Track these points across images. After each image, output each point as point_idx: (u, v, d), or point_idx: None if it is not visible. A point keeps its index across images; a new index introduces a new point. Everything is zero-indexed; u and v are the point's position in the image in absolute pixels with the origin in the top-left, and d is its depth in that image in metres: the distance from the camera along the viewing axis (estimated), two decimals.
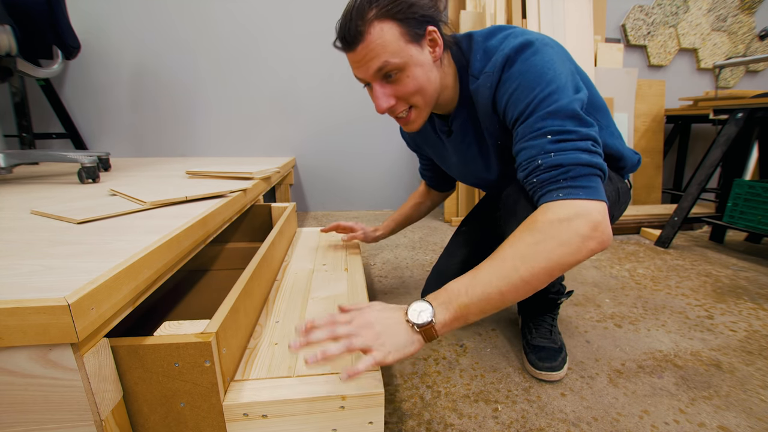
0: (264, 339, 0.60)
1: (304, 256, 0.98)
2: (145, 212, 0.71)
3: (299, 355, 0.55)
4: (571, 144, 0.54)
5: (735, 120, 1.53)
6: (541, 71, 0.57)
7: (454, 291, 0.52)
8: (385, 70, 0.60)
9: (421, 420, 0.67)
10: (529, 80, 0.57)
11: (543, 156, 0.55)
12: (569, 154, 0.53)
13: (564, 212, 0.51)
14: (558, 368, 0.77)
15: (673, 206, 1.99)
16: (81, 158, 1.09)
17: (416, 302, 0.52)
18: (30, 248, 0.50)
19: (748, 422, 0.67)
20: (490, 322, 1.01)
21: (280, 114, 2.13)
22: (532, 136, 0.56)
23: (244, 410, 0.46)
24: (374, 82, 0.63)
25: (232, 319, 0.51)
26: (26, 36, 1.19)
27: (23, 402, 0.37)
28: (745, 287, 1.22)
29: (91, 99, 1.98)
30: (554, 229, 0.50)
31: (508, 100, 0.60)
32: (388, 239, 1.74)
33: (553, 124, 0.55)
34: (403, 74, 0.61)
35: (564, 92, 0.56)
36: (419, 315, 0.50)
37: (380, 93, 0.63)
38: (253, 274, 0.63)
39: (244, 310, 0.57)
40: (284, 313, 0.69)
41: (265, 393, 0.47)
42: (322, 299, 0.74)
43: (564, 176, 0.53)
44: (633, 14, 2.25)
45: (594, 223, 0.50)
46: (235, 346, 0.52)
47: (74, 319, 0.35)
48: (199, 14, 1.95)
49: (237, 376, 0.51)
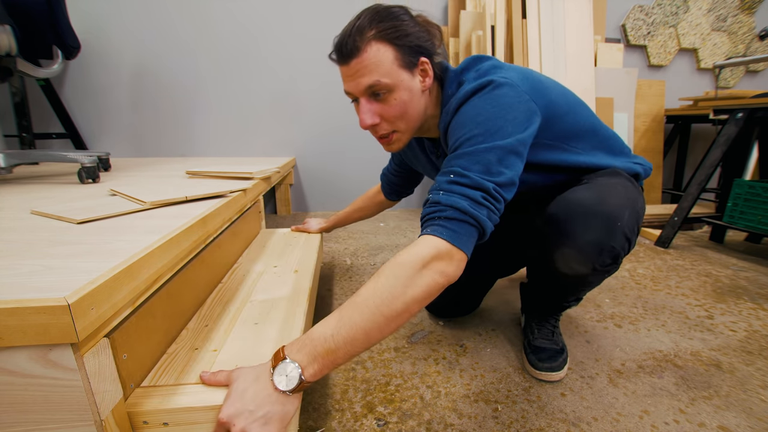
0: (185, 344, 0.58)
1: (258, 258, 0.96)
2: (145, 212, 0.71)
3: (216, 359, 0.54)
4: (460, 189, 0.54)
5: (735, 120, 1.53)
6: (476, 113, 0.59)
7: (319, 338, 0.48)
8: (375, 88, 0.62)
9: (421, 420, 0.67)
10: (462, 121, 0.60)
11: (434, 192, 0.57)
12: (452, 197, 0.54)
13: (425, 250, 0.52)
14: (558, 369, 0.77)
15: (673, 206, 1.99)
16: (81, 158, 1.09)
17: (279, 365, 0.47)
18: (30, 248, 0.50)
19: (748, 422, 0.67)
20: (490, 322, 1.01)
21: (280, 114, 2.13)
22: (442, 173, 0.58)
23: (144, 418, 0.44)
24: (362, 98, 0.65)
25: (141, 323, 0.49)
26: (26, 36, 1.19)
27: (23, 402, 0.37)
28: (745, 287, 1.22)
29: (91, 99, 1.98)
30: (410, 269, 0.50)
31: (449, 136, 0.63)
32: (389, 239, 1.74)
33: (459, 165, 0.56)
34: (391, 96, 0.63)
35: (489, 136, 0.56)
36: (288, 381, 0.46)
37: (366, 109, 0.65)
38: (179, 276, 0.61)
39: (162, 313, 0.55)
40: (216, 317, 0.66)
41: (168, 400, 0.46)
42: (260, 302, 0.72)
43: (438, 215, 0.54)
44: (633, 14, 2.25)
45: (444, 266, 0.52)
46: (145, 351, 0.50)
47: (74, 319, 0.35)
48: (199, 14, 1.95)
49: (145, 382, 0.49)
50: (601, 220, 0.60)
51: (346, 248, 1.60)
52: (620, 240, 0.61)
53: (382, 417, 0.68)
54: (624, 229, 0.61)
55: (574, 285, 0.73)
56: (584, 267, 0.64)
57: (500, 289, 1.20)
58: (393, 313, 0.49)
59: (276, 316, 0.67)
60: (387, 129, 0.67)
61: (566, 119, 0.70)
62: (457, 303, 0.98)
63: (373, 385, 0.76)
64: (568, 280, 0.70)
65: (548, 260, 0.69)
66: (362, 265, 1.41)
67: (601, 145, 0.76)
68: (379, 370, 0.81)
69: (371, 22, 0.61)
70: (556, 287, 0.77)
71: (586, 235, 0.61)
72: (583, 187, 0.67)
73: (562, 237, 0.64)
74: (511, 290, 1.19)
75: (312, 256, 0.97)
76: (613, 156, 0.77)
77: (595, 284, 0.72)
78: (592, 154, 0.74)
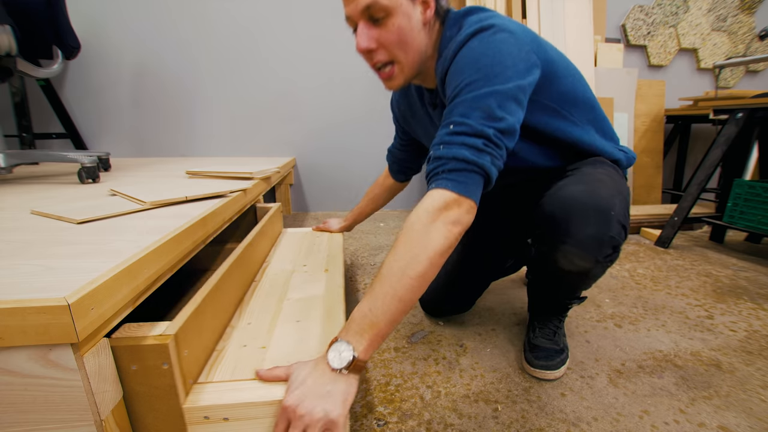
0: (233, 341, 0.59)
1: (286, 257, 0.97)
2: (145, 212, 0.71)
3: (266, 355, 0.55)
4: (461, 138, 0.54)
5: (735, 120, 1.53)
6: (475, 58, 0.58)
7: (359, 316, 0.51)
8: (372, 9, 0.59)
9: (421, 420, 0.67)
10: (461, 67, 0.59)
11: (435, 148, 0.57)
12: (453, 149, 0.54)
13: (432, 203, 0.53)
14: (553, 368, 0.77)
15: (673, 206, 1.99)
16: (81, 158, 1.09)
17: (332, 347, 0.50)
18: (30, 248, 0.50)
19: (748, 422, 0.67)
20: (490, 322, 1.01)
21: (280, 114, 2.13)
22: (442, 125, 0.58)
23: (204, 413, 0.45)
24: (360, 21, 0.62)
25: (197, 321, 0.50)
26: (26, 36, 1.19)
27: (23, 402, 0.37)
28: (745, 287, 1.22)
29: (91, 99, 1.98)
30: (422, 226, 0.52)
31: (448, 82, 0.61)
32: (389, 239, 1.74)
33: (458, 113, 0.56)
34: (389, 20, 0.61)
35: (488, 81, 0.56)
36: (341, 359, 0.49)
37: (363, 32, 0.62)
38: (224, 275, 0.62)
39: (211, 311, 0.56)
40: (257, 315, 0.68)
41: (227, 396, 0.47)
42: (297, 301, 0.73)
43: (441, 168, 0.55)
44: (633, 14, 2.25)
45: (456, 215, 0.53)
46: (200, 347, 0.51)
47: (74, 319, 0.35)
48: (199, 14, 1.95)
49: (201, 378, 0.50)
50: (597, 213, 0.61)
51: (346, 248, 1.60)
52: (617, 228, 0.62)
53: (381, 417, 0.68)
54: (618, 218, 0.62)
55: (578, 280, 0.72)
56: (587, 262, 0.64)
57: (500, 289, 1.20)
58: (419, 272, 0.51)
59: (316, 313, 0.69)
60: (384, 57, 0.64)
61: (564, 81, 0.69)
62: (451, 299, 0.98)
63: (373, 385, 0.76)
64: (572, 276, 0.70)
65: (549, 260, 0.69)
66: (362, 265, 1.41)
67: (595, 122, 0.76)
68: (379, 370, 0.81)
69: None
70: (560, 284, 0.77)
71: (585, 230, 0.61)
72: (572, 180, 0.67)
73: (561, 236, 0.64)
74: (511, 290, 1.19)
75: (339, 256, 0.99)
76: (603, 137, 0.77)
77: (598, 276, 0.72)
78: (586, 129, 0.74)
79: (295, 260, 0.95)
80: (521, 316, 1.04)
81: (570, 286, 0.76)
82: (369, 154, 2.23)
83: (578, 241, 0.62)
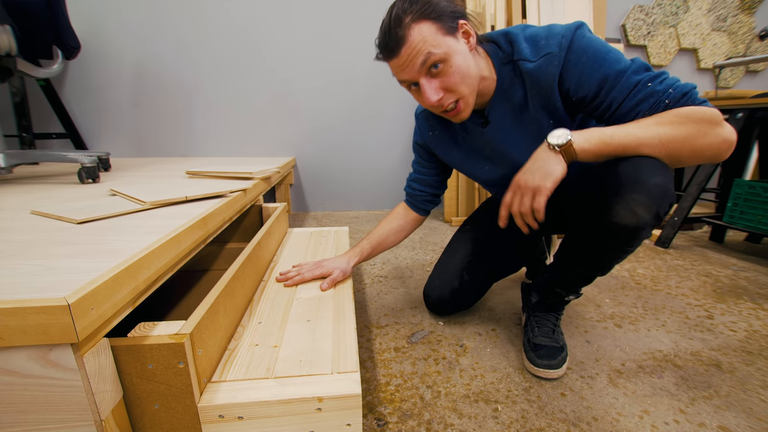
0: (245, 340, 0.60)
1: (293, 256, 0.98)
2: (145, 212, 0.71)
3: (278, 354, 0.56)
4: (670, 79, 0.63)
5: (735, 120, 1.53)
6: (599, 44, 0.66)
7: (597, 130, 0.63)
8: (429, 62, 0.65)
9: (421, 420, 0.67)
10: (596, 52, 0.66)
11: (664, 95, 0.62)
12: (680, 84, 0.62)
13: (707, 113, 0.60)
14: (556, 366, 0.77)
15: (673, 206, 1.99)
16: (81, 158, 1.09)
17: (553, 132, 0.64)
18: (30, 248, 0.50)
19: (748, 422, 0.67)
20: (490, 322, 1.01)
21: (280, 114, 2.13)
22: (636, 90, 0.64)
23: (219, 412, 0.46)
24: (421, 78, 0.67)
25: (210, 320, 0.51)
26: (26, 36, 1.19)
27: (23, 402, 0.37)
28: (745, 287, 1.22)
29: (91, 99, 1.98)
30: (701, 120, 0.59)
31: (582, 72, 0.67)
32: None
33: (643, 76, 0.63)
34: (446, 65, 0.66)
35: (622, 56, 0.66)
36: (558, 138, 0.63)
37: (428, 87, 0.67)
38: (235, 274, 0.63)
39: (224, 311, 0.57)
40: (267, 314, 0.68)
41: (241, 394, 0.47)
42: (306, 300, 0.74)
43: (690, 99, 0.61)
44: (633, 14, 2.25)
45: (731, 131, 0.60)
46: (213, 347, 0.52)
47: (74, 319, 0.35)
48: (199, 14, 1.95)
49: (215, 377, 0.50)
50: (662, 169, 0.64)
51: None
52: (674, 188, 0.66)
53: (381, 417, 0.68)
54: (673, 182, 0.67)
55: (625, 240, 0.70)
56: (649, 211, 0.64)
57: (500, 289, 1.20)
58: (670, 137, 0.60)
59: (325, 313, 0.69)
60: (452, 99, 0.69)
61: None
62: (456, 297, 0.98)
63: (373, 385, 0.76)
64: (623, 234, 0.68)
65: (607, 216, 0.67)
66: (362, 265, 1.41)
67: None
68: (379, 370, 0.81)
69: (404, 9, 0.64)
70: (597, 251, 0.73)
71: (654, 178, 0.63)
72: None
73: (630, 184, 0.64)
74: (511, 290, 1.19)
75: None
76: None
77: (640, 242, 0.70)
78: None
79: (302, 259, 0.95)
80: (521, 316, 1.04)
81: (607, 253, 0.73)
82: (369, 153, 2.23)
83: (646, 188, 0.63)
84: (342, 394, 0.48)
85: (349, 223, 2.05)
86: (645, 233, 0.68)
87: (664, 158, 0.63)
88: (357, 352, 0.57)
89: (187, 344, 0.43)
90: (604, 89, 0.66)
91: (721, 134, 0.60)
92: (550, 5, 1.90)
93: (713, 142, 0.60)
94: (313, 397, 0.47)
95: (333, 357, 0.55)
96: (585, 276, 0.79)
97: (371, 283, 1.26)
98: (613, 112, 0.66)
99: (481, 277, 0.98)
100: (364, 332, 0.95)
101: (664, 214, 0.66)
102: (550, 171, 0.63)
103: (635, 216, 0.65)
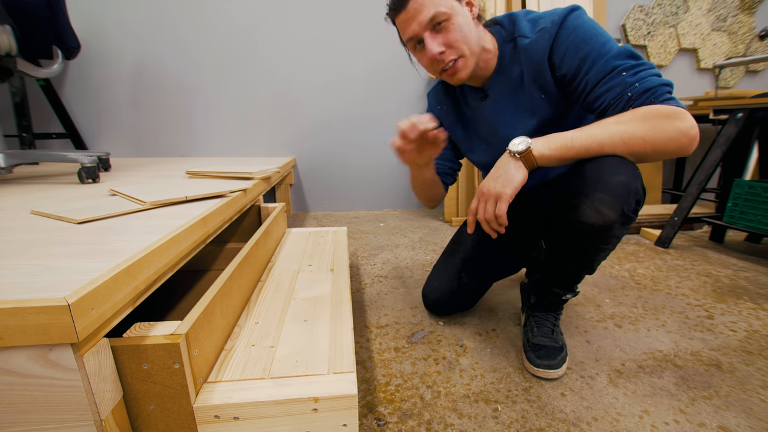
0: (241, 340, 0.59)
1: (291, 257, 0.98)
2: (145, 212, 0.71)
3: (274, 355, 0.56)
4: (646, 71, 0.64)
5: (735, 120, 1.53)
6: (592, 26, 0.69)
7: (559, 135, 0.66)
8: (435, 19, 0.70)
9: (421, 420, 0.67)
10: (585, 32, 0.68)
11: (629, 88, 0.64)
12: (651, 79, 0.63)
13: (666, 109, 0.62)
14: (556, 366, 0.77)
15: (673, 206, 1.99)
16: (81, 158, 1.09)
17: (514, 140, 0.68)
18: (30, 248, 0.50)
19: (748, 422, 0.67)
20: (490, 322, 1.01)
21: (280, 114, 2.13)
22: (610, 77, 0.66)
23: (215, 412, 0.46)
24: (425, 33, 0.71)
25: (206, 320, 0.51)
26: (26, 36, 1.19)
27: (23, 402, 0.37)
28: (745, 287, 1.22)
29: (91, 99, 1.98)
30: (659, 116, 0.61)
31: (567, 48, 0.70)
32: (389, 239, 1.74)
33: (622, 63, 0.65)
34: (450, 23, 0.70)
35: (614, 41, 0.68)
36: (517, 145, 0.67)
37: (431, 41, 0.72)
38: (231, 275, 0.63)
39: (220, 311, 0.57)
40: (264, 314, 0.68)
41: (237, 395, 0.47)
42: (304, 300, 0.74)
43: (653, 96, 0.63)
44: (633, 14, 2.25)
45: (691, 124, 0.62)
46: (209, 347, 0.52)
47: (74, 319, 0.35)
48: (199, 14, 1.95)
49: (211, 377, 0.50)
50: (626, 167, 0.66)
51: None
52: (640, 184, 0.67)
53: (381, 417, 0.68)
54: (640, 179, 0.67)
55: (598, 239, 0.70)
56: (614, 210, 0.65)
57: (500, 289, 1.20)
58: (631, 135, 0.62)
59: (322, 313, 0.69)
60: (453, 55, 0.73)
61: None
62: (455, 298, 0.98)
63: (373, 385, 0.76)
64: (594, 233, 0.68)
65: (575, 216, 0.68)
66: (362, 265, 1.41)
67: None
68: (379, 370, 0.81)
69: None
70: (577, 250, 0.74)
71: (616, 177, 0.64)
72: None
73: (593, 184, 0.65)
74: (511, 290, 1.19)
75: (344, 256, 0.99)
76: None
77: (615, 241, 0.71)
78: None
79: (300, 260, 0.95)
80: (521, 316, 1.03)
81: (587, 252, 0.73)
82: (369, 153, 2.23)
83: (609, 188, 0.64)
84: (338, 394, 0.48)
85: (349, 223, 2.05)
86: (616, 231, 0.68)
87: (628, 156, 0.65)
88: (354, 352, 0.57)
89: (182, 344, 0.43)
90: (583, 68, 0.68)
91: (680, 127, 0.61)
92: (550, 5, 1.90)
93: (672, 136, 0.62)
94: (309, 398, 0.47)
95: (329, 357, 0.55)
96: (573, 275, 0.80)
97: (371, 283, 1.26)
98: (587, 94, 0.69)
99: (479, 278, 0.98)
100: (364, 332, 0.95)
101: (632, 212, 0.67)
102: (510, 178, 0.67)
103: (601, 215, 0.66)
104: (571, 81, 0.71)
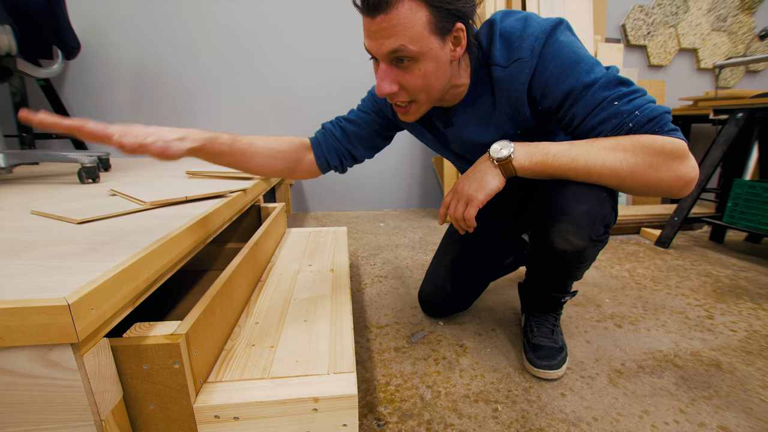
0: (242, 340, 0.60)
1: (291, 257, 0.98)
2: (145, 212, 0.71)
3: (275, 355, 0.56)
4: (641, 99, 0.58)
5: (735, 120, 1.53)
6: (573, 50, 0.60)
7: (543, 147, 0.61)
8: (399, 53, 0.57)
9: (421, 420, 0.67)
10: (567, 59, 0.60)
11: (629, 117, 0.58)
12: (651, 107, 0.57)
13: (671, 146, 0.56)
14: (556, 367, 0.77)
15: (673, 206, 1.99)
16: (81, 158, 1.09)
17: (497, 143, 0.64)
18: (30, 248, 0.50)
19: (748, 422, 0.67)
20: (490, 322, 1.01)
21: (280, 114, 2.13)
22: (600, 108, 0.59)
23: (215, 412, 0.46)
24: (383, 62, 0.59)
25: (206, 320, 0.51)
26: (26, 36, 1.19)
27: (23, 402, 0.37)
28: (745, 287, 1.22)
29: (91, 99, 1.98)
30: (661, 153, 0.56)
31: (548, 79, 0.62)
32: (389, 239, 1.74)
33: (611, 93, 0.58)
34: (416, 65, 0.58)
35: (599, 65, 0.60)
36: (498, 152, 0.62)
37: (385, 75, 0.60)
38: (231, 275, 0.63)
39: (220, 311, 0.57)
40: (264, 314, 0.68)
41: (237, 395, 0.47)
42: (304, 300, 0.74)
43: (657, 125, 0.57)
44: (633, 14, 2.25)
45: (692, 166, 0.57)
46: (209, 347, 0.52)
47: (74, 319, 0.35)
48: (199, 14, 1.95)
49: (211, 377, 0.51)
50: (590, 194, 0.63)
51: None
52: (608, 208, 0.65)
53: (382, 417, 0.68)
54: (608, 200, 0.65)
55: (573, 262, 0.71)
56: (581, 239, 0.65)
57: (500, 289, 1.20)
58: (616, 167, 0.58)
59: (323, 313, 0.69)
60: (405, 98, 0.63)
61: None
62: (451, 299, 0.98)
63: (373, 385, 0.76)
64: (567, 257, 0.69)
65: (547, 242, 0.69)
66: (362, 265, 1.41)
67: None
68: (379, 370, 0.81)
69: None
70: (555, 269, 0.75)
71: (580, 207, 0.63)
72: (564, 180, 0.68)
73: (558, 214, 0.65)
74: (511, 290, 1.19)
75: (344, 256, 0.99)
76: None
77: (591, 258, 0.71)
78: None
79: (300, 260, 0.96)
80: (521, 316, 1.04)
81: (564, 271, 0.75)
82: None
83: (573, 218, 0.63)
84: (338, 394, 0.48)
85: (349, 223, 2.05)
86: (589, 252, 0.69)
87: (609, 186, 0.61)
88: (354, 352, 0.57)
89: (182, 344, 0.43)
90: (568, 102, 0.61)
91: (677, 170, 0.56)
92: (550, 5, 1.90)
93: (664, 178, 0.57)
94: (309, 398, 0.47)
95: (329, 357, 0.56)
96: (555, 287, 0.81)
97: (371, 283, 1.26)
98: (575, 127, 0.62)
99: (472, 278, 0.97)
100: (364, 332, 0.95)
101: (601, 235, 0.66)
102: (484, 184, 0.63)
103: (569, 243, 0.66)
104: (555, 113, 0.65)
